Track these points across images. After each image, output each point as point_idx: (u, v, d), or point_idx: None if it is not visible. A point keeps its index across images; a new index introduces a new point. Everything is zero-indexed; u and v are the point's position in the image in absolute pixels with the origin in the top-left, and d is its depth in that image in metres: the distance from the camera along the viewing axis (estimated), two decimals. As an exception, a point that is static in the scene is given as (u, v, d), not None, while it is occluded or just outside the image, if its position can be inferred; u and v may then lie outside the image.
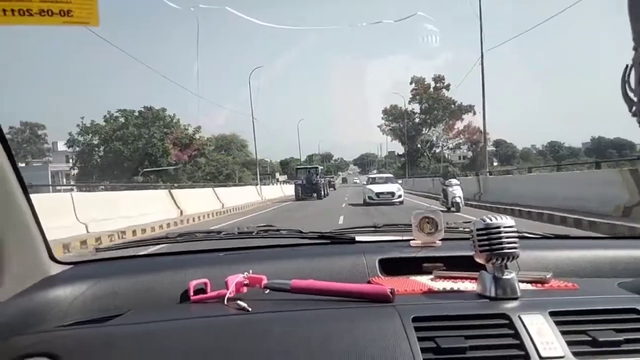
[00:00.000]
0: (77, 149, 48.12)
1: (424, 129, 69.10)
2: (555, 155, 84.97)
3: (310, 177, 26.78)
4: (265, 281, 1.02)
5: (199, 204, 17.00)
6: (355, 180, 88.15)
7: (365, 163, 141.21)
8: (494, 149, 74.28)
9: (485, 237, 0.90)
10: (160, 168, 41.51)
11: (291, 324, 0.85)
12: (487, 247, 0.90)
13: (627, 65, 0.80)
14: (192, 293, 1.03)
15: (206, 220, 15.37)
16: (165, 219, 13.29)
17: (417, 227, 1.35)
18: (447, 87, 67.93)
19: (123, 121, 46.06)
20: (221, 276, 1.03)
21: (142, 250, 1.46)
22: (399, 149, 75.18)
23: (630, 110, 0.77)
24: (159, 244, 1.45)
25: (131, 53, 45.62)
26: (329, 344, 0.78)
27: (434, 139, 70.76)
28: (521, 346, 0.77)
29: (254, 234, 1.48)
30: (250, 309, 0.90)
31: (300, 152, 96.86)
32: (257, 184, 30.49)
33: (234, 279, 1.01)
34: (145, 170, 38.36)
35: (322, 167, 33.20)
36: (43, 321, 0.94)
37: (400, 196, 18.99)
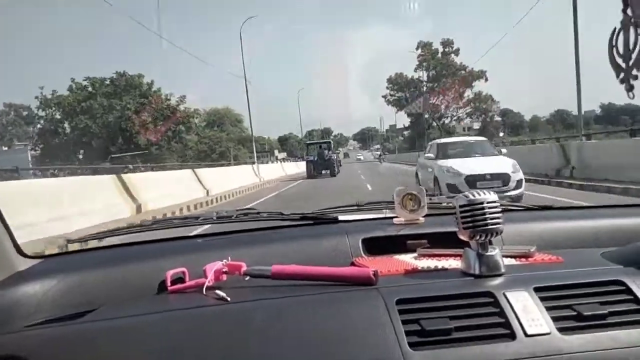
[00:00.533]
0: (38, 126, 40.94)
1: (431, 98, 63.81)
2: (565, 124, 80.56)
3: (322, 152, 25.15)
4: (244, 268, 0.98)
5: (168, 192, 11.99)
6: (358, 157, 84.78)
7: (366, 138, 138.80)
8: (499, 119, 68.71)
9: (468, 214, 0.88)
10: (134, 152, 33.62)
11: (272, 312, 0.83)
12: (470, 224, 0.88)
13: (614, 29, 0.75)
14: (169, 283, 0.97)
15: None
16: (102, 222, 8.23)
17: (399, 204, 1.33)
18: (457, 52, 62.72)
19: (91, 90, 38.09)
20: (200, 264, 0.99)
21: (116, 240, 1.34)
22: (405, 121, 69.47)
23: (617, 77, 0.74)
24: (133, 232, 1.38)
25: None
26: (311, 331, 0.77)
27: (443, 108, 65.53)
28: (506, 324, 0.76)
29: (233, 217, 1.43)
30: (229, 299, 0.87)
31: (302, 125, 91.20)
32: (253, 163, 25.46)
33: (212, 267, 0.97)
34: (113, 156, 30.50)
35: (332, 142, 30.75)
36: (10, 321, 0.88)
37: (519, 183, 8.40)
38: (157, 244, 1.29)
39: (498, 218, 0.88)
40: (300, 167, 37.18)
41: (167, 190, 11.89)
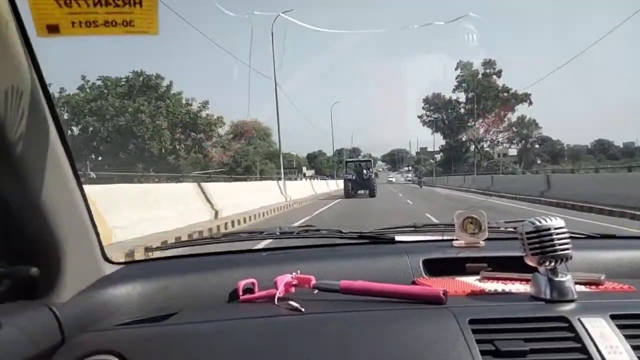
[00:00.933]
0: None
1: (470, 121, 60.20)
2: (607, 154, 75.61)
3: (361, 171, 24.33)
4: (314, 281, 1.02)
5: (155, 213, 8.38)
6: (390, 178, 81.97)
7: (395, 160, 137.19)
8: (537, 146, 64.33)
9: (536, 240, 0.89)
10: (145, 160, 30.26)
11: (345, 324, 0.85)
12: (538, 250, 0.89)
13: None
14: (241, 293, 1.05)
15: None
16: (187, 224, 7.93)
17: (460, 227, 1.34)
18: (499, 74, 58.85)
19: (103, 90, 33.50)
20: (267, 276, 1.06)
21: (190, 250, 1.45)
22: (440, 142, 65.85)
23: None
24: (205, 244, 1.48)
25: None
26: (385, 345, 0.79)
27: (482, 131, 61.75)
28: (583, 350, 0.76)
29: (294, 234, 1.51)
30: (303, 309, 0.91)
31: (333, 139, 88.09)
32: (279, 178, 21.94)
33: (283, 279, 1.02)
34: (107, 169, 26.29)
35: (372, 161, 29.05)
36: (101, 320, 0.97)
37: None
38: (228, 255, 1.38)
39: (566, 244, 0.89)
40: (330, 186, 35.31)
41: (143, 210, 8.39)
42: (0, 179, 0.83)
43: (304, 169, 62.88)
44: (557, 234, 0.89)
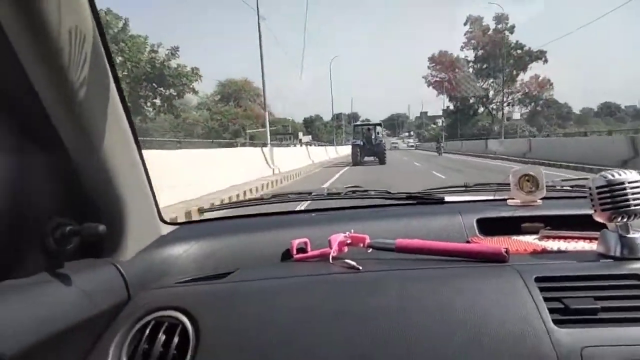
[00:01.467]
0: None
1: (479, 81, 55.39)
2: (615, 117, 71.32)
3: (370, 136, 22.37)
4: (368, 240, 1.01)
5: None
6: (394, 144, 75.75)
7: (395, 124, 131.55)
8: (545, 109, 59.36)
9: (607, 194, 0.85)
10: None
11: (404, 282, 0.83)
12: (610, 205, 0.85)
13: None
14: (294, 252, 1.06)
15: None
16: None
17: (516, 186, 1.30)
18: (512, 29, 53.42)
19: None
20: (319, 235, 1.07)
21: (241, 211, 1.49)
22: (446, 105, 61.05)
23: None
24: (255, 204, 1.49)
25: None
26: (449, 302, 0.76)
27: (491, 93, 56.98)
28: None
29: (342, 194, 1.51)
30: (360, 268, 0.90)
31: (333, 100, 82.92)
32: (264, 145, 17.31)
33: (336, 238, 1.01)
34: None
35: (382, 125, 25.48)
36: (162, 278, 1.00)
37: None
38: (278, 216, 1.39)
39: None
40: (329, 153, 31.47)
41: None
42: (67, 139, 0.85)
43: (300, 134, 58.06)
44: (632, 187, 0.84)
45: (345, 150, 30.94)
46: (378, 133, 23.14)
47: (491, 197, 1.45)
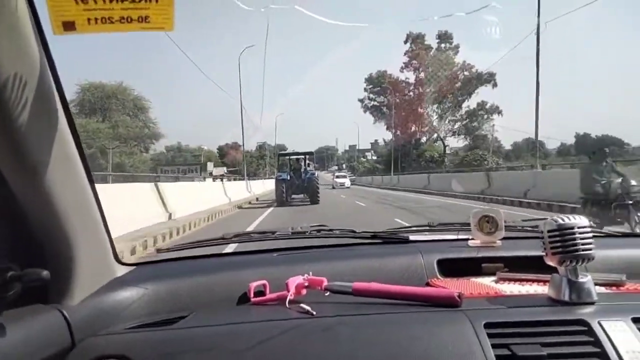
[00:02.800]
0: None
1: (420, 106, 53.85)
2: (541, 153, 73.72)
3: (299, 168, 21.01)
4: (325, 283, 1.11)
5: None
6: (339, 181, 74.15)
7: (323, 157, 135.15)
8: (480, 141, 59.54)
9: (558, 238, 0.94)
10: None
11: (358, 328, 0.92)
12: (559, 249, 0.94)
13: None
14: (252, 295, 1.14)
15: None
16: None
17: (476, 226, 1.43)
18: (456, 49, 53.31)
19: None
20: (279, 277, 1.16)
21: (201, 251, 1.59)
22: (384, 134, 58.99)
23: None
24: (216, 244, 1.58)
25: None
26: (398, 349, 0.85)
27: (435, 120, 55.73)
28: (603, 355, 0.80)
29: (307, 233, 1.62)
30: (314, 313, 0.98)
31: (244, 132, 79.67)
32: (156, 179, 14.05)
33: (294, 281, 1.11)
34: None
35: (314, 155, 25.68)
36: (112, 323, 1.06)
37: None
38: (239, 256, 1.52)
39: (590, 244, 0.94)
40: (250, 188, 28.10)
41: None
42: (11, 179, 0.89)
43: (210, 165, 52.29)
44: (581, 232, 0.94)
45: (270, 185, 28.74)
46: (309, 164, 22.17)
47: (454, 237, 1.60)
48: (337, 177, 46.83)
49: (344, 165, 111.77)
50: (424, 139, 56.30)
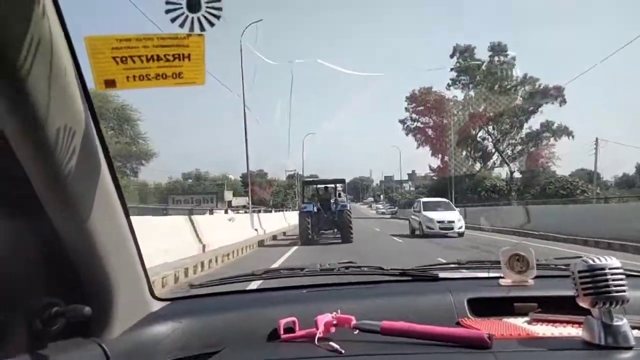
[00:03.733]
0: None
1: (473, 126, 49.99)
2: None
3: (328, 198, 19.03)
4: (354, 321, 1.21)
5: None
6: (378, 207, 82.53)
7: (358, 188, 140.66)
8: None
9: (589, 280, 1.00)
10: None
11: None
12: (591, 291, 0.99)
13: None
14: (282, 332, 1.26)
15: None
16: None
17: (506, 265, 1.53)
18: (512, 62, 49.65)
19: None
20: (308, 314, 1.27)
21: (232, 287, 1.76)
22: (430, 160, 55.30)
23: None
24: (247, 280, 1.78)
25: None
26: None
27: (490, 143, 51.68)
28: None
29: (335, 270, 1.78)
30: (342, 351, 1.08)
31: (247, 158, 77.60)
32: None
33: (323, 319, 1.22)
34: None
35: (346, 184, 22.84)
36: (148, 356, 1.21)
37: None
38: (269, 292, 1.71)
39: (622, 285, 0.98)
40: (270, 223, 25.90)
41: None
42: (56, 221, 1.02)
43: (228, 194, 49.37)
44: (612, 274, 0.99)
45: (292, 220, 27.61)
46: (339, 195, 20.49)
47: (484, 275, 1.71)
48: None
49: (381, 197, 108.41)
50: (477, 166, 51.96)
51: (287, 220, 31.70)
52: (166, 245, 10.70)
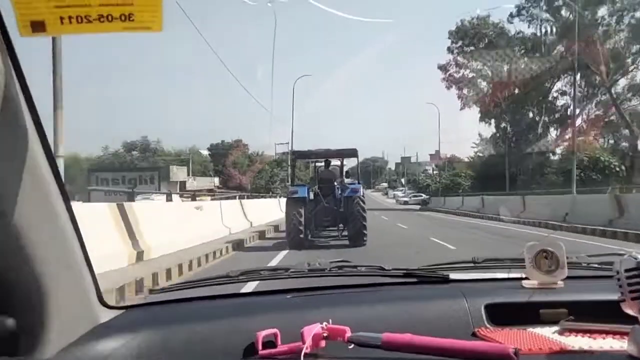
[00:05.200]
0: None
1: (549, 80, 43.25)
2: None
3: (330, 179, 17.56)
4: (349, 333, 1.24)
5: None
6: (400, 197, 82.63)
7: (369, 172, 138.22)
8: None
9: (638, 280, 1.03)
10: None
11: None
12: None
13: None
14: (260, 347, 1.28)
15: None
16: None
17: (532, 263, 1.58)
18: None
19: None
20: (293, 324, 1.29)
21: (201, 292, 1.82)
22: (479, 128, 48.97)
23: None
24: (219, 283, 1.85)
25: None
26: None
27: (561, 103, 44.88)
28: None
29: (326, 271, 1.85)
30: None
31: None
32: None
33: (311, 330, 1.23)
34: None
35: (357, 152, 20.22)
36: None
37: None
38: (245, 298, 1.82)
39: None
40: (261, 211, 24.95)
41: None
42: None
43: (179, 172, 44.12)
44: None
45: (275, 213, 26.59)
46: (347, 174, 19.69)
47: (504, 276, 1.81)
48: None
49: (402, 181, 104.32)
50: (553, 133, 45.28)
51: (282, 208, 27.08)
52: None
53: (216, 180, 54.40)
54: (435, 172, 76.32)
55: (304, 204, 16.03)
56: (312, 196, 16.63)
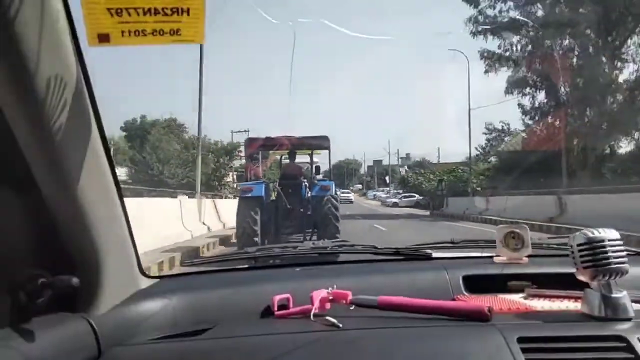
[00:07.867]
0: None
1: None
2: None
3: (294, 174, 14.70)
4: (350, 297, 1.49)
5: None
6: (347, 196, 78.71)
7: (343, 174, 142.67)
8: None
9: (589, 252, 1.23)
10: None
11: (385, 341, 1.21)
12: (591, 263, 1.23)
13: None
14: (275, 308, 1.55)
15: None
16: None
17: (501, 242, 1.88)
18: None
19: None
20: (302, 291, 1.54)
21: (223, 265, 2.17)
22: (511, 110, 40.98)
23: None
24: (238, 258, 2.25)
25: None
26: None
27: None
28: None
29: (328, 249, 2.19)
30: (340, 325, 1.32)
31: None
32: None
33: (318, 294, 1.48)
34: None
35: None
36: (137, 333, 1.42)
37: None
38: (261, 270, 2.13)
39: (622, 257, 1.21)
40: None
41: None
42: (45, 189, 1.21)
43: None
44: (612, 245, 1.22)
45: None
46: (317, 170, 17.08)
47: (478, 254, 2.10)
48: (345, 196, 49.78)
49: (387, 179, 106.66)
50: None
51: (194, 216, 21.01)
52: None
53: (124, 171, 39.90)
54: (429, 172, 67.39)
55: (260, 205, 13.08)
56: (272, 196, 14.36)
